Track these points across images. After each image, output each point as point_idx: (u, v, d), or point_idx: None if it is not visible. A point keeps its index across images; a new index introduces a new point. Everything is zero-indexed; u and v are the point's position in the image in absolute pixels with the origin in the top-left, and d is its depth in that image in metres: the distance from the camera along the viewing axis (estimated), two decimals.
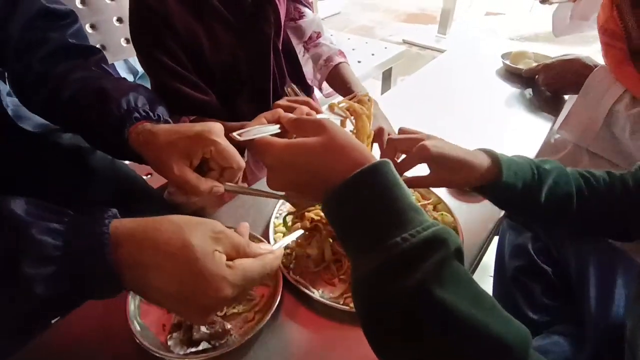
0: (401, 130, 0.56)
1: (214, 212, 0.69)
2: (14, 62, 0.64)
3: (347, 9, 4.49)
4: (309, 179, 0.38)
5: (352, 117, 0.56)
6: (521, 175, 0.52)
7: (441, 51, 3.22)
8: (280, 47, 0.82)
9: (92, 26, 1.14)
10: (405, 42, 3.45)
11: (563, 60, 0.96)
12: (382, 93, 1.84)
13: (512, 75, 1.12)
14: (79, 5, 1.09)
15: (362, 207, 0.34)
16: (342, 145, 0.37)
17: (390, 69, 1.81)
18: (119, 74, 1.53)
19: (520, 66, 1.10)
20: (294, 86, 0.71)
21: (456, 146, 0.52)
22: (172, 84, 0.72)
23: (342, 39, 2.01)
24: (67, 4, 1.07)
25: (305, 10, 0.90)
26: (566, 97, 1.01)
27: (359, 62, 1.71)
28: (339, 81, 0.87)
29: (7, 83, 0.68)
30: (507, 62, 1.13)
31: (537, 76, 1.02)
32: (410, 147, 0.52)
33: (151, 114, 0.56)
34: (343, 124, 0.55)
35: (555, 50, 1.11)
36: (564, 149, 0.90)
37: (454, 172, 0.51)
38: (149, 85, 0.77)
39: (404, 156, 0.53)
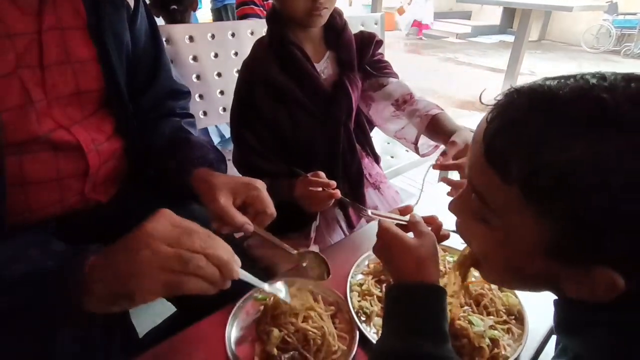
0: None
1: (287, 269, 0.78)
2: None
3: None
4: (394, 263, 0.55)
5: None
6: None
7: None
8: (353, 127, 0.95)
9: (200, 96, 1.36)
10: None
11: None
12: None
13: None
14: (194, 80, 1.33)
15: (414, 310, 0.49)
16: (424, 258, 0.53)
17: None
18: (209, 135, 1.77)
19: None
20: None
21: None
22: (250, 157, 0.91)
23: None
24: (185, 77, 1.32)
25: (389, 79, 0.99)
26: None
27: None
28: (438, 129, 0.90)
29: None
30: None
31: None
32: None
33: (215, 165, 0.74)
34: None
35: None
36: None
37: None
38: (231, 147, 0.98)
39: None
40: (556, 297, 0.43)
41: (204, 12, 5.40)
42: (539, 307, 0.65)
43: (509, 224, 0.38)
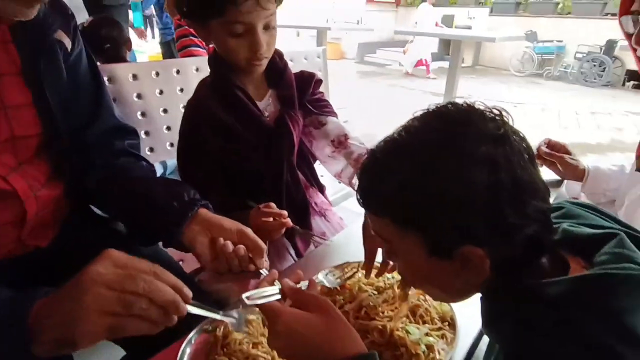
0: None
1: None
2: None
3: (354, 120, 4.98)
4: (310, 351, 0.46)
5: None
6: None
7: None
8: (295, 160, 1.01)
9: (147, 133, 1.36)
10: None
11: None
12: None
13: None
14: (139, 117, 1.34)
15: None
16: (343, 332, 0.47)
17: None
18: (154, 166, 1.75)
19: None
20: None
21: None
22: (198, 192, 0.90)
23: None
24: (130, 115, 1.32)
25: (328, 118, 1.06)
26: None
27: None
28: None
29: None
30: None
31: None
32: None
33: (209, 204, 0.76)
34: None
35: None
36: None
37: None
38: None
39: None
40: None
41: (151, 46, 5.40)
42: (469, 313, 0.72)
43: (399, 246, 0.48)
